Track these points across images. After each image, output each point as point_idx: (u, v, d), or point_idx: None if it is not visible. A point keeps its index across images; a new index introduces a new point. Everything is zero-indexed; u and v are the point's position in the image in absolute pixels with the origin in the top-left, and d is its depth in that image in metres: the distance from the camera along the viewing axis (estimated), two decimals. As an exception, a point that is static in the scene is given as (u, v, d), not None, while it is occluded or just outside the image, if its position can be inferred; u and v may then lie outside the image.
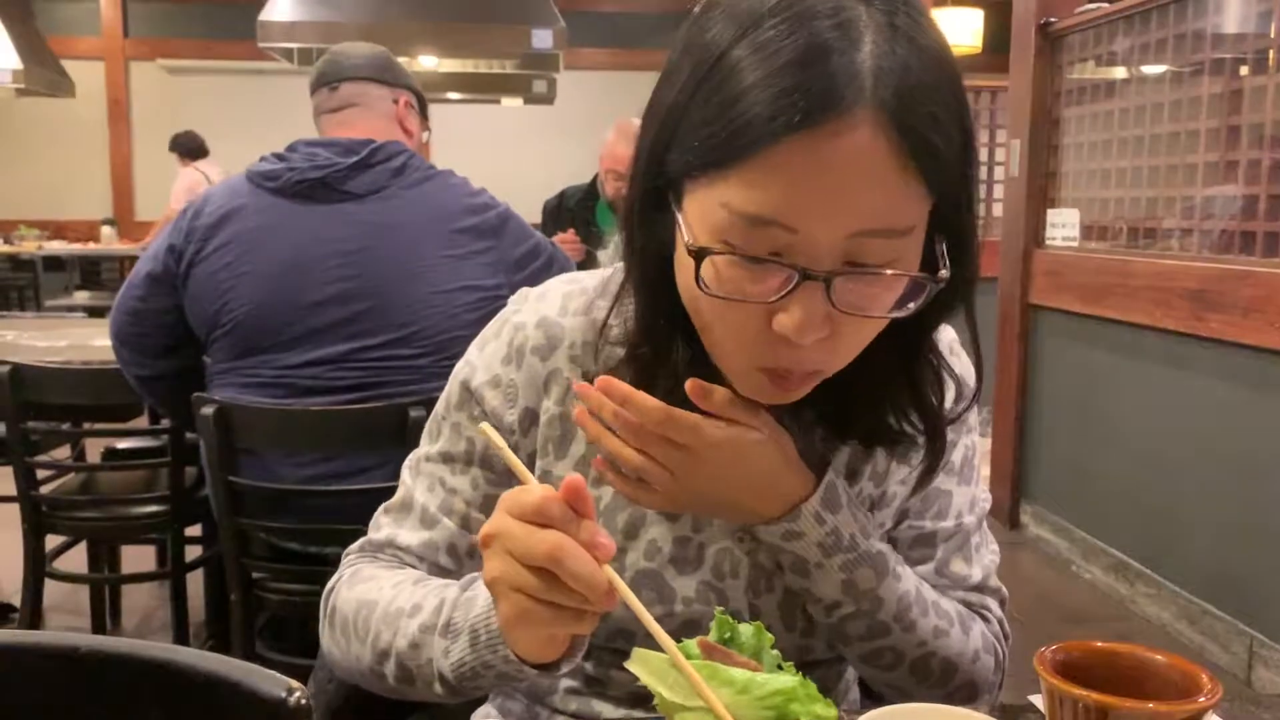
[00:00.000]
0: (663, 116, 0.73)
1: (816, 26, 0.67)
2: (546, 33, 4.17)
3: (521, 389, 0.88)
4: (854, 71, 0.66)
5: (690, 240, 0.71)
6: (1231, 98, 3.08)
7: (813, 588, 0.83)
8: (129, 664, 0.85)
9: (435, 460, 0.92)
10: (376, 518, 0.96)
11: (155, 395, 2.13)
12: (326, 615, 0.93)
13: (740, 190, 0.68)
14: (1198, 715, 0.59)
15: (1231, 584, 3.00)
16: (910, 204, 0.69)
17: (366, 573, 0.91)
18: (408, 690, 0.85)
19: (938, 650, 0.86)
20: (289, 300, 1.88)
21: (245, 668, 0.84)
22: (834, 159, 0.66)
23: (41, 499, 2.42)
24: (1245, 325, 2.87)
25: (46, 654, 0.87)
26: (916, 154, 0.67)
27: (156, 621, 3.05)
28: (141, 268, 1.99)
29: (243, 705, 0.81)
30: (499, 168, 8.14)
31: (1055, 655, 0.65)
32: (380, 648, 0.84)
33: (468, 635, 0.77)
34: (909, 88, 0.67)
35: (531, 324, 0.89)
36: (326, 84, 2.04)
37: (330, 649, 0.92)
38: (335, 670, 0.94)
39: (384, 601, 0.86)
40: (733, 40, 0.69)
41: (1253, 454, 2.89)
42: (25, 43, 6.96)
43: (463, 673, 0.78)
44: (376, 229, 1.89)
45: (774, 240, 0.69)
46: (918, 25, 0.70)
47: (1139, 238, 3.55)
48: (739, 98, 0.67)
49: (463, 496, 0.90)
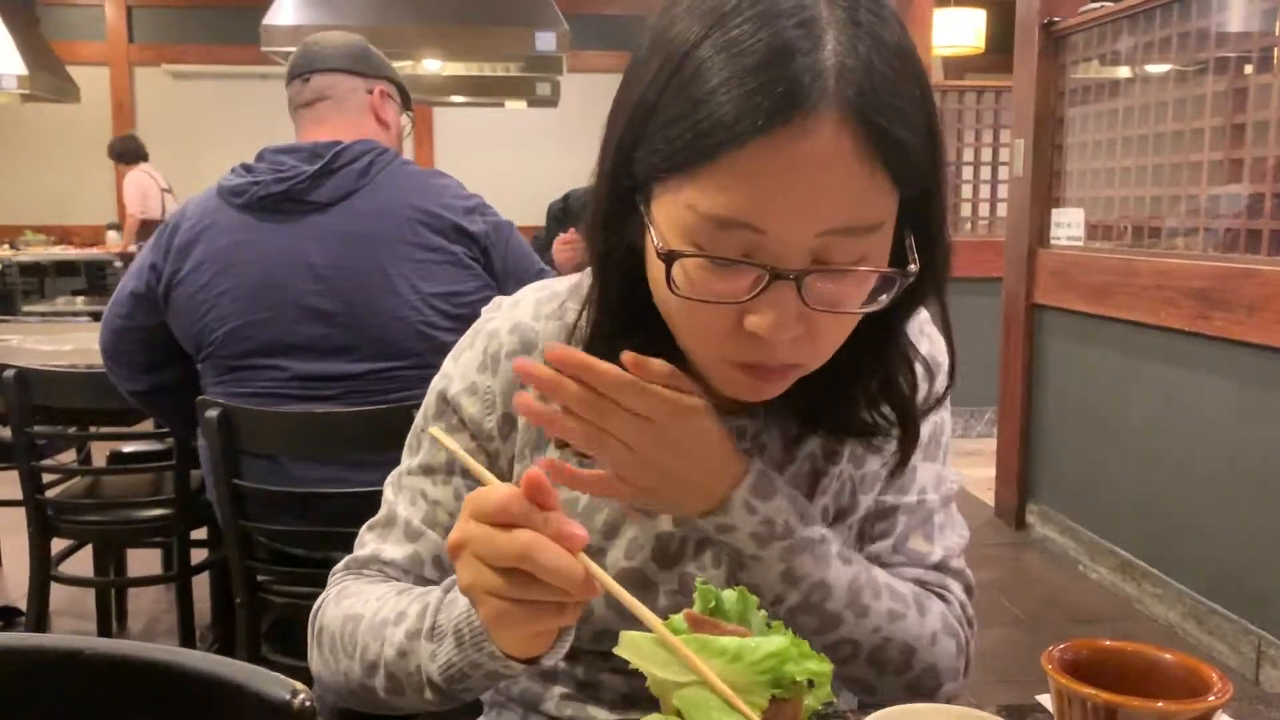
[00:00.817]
0: (629, 114, 0.73)
1: (780, 25, 0.67)
2: (550, 35, 4.17)
3: (499, 395, 0.88)
4: (817, 71, 0.66)
5: (660, 244, 0.71)
6: (1236, 96, 3.08)
7: (754, 580, 0.81)
8: (134, 666, 0.85)
9: (416, 474, 0.92)
10: (361, 535, 0.96)
11: (150, 408, 2.13)
12: (314, 635, 0.92)
13: (707, 193, 0.69)
14: (1207, 714, 0.59)
15: (1239, 583, 2.99)
16: (878, 200, 0.70)
17: (352, 589, 0.91)
18: (398, 701, 0.84)
19: (894, 635, 0.84)
20: (266, 319, 1.88)
21: (250, 670, 0.84)
22: (800, 160, 0.66)
23: (47, 502, 2.42)
24: (1251, 324, 2.87)
25: (52, 657, 0.87)
26: (882, 150, 0.67)
27: (162, 625, 3.06)
28: (126, 285, 1.98)
29: (247, 707, 0.81)
30: (503, 171, 8.15)
31: (1063, 654, 0.65)
32: (369, 660, 0.84)
33: (452, 637, 0.77)
34: (872, 85, 0.67)
35: (505, 330, 0.89)
36: (299, 75, 2.02)
37: (320, 669, 0.91)
38: (326, 692, 0.92)
39: (369, 614, 0.85)
40: (698, 39, 0.69)
41: (1260, 452, 2.88)
42: (30, 48, 6.98)
43: (451, 674, 0.78)
44: (344, 240, 1.87)
45: (742, 241, 0.69)
46: (880, 20, 0.70)
47: (1144, 237, 3.55)
48: (704, 100, 0.67)
49: (445, 508, 0.90)
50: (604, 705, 0.89)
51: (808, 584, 0.81)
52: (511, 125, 8.58)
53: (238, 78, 8.61)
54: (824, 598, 0.81)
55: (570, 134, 8.04)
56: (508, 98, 6.59)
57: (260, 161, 1.93)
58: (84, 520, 2.50)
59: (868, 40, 0.68)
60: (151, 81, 8.80)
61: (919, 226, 0.74)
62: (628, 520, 0.86)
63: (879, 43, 0.68)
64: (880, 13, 0.70)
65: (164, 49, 8.73)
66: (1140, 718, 0.59)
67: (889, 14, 0.71)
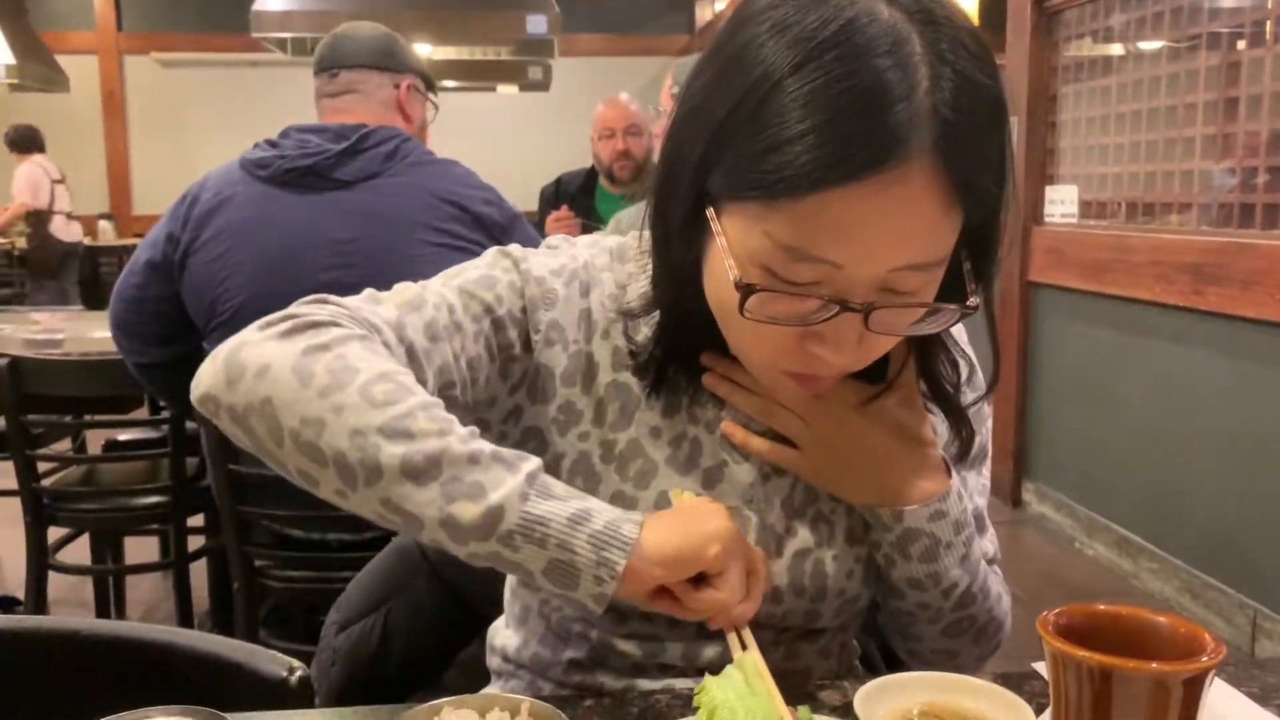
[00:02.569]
0: (707, 135, 0.72)
1: (873, 62, 0.67)
2: (541, 19, 4.15)
3: (561, 304, 0.87)
4: (913, 122, 0.67)
5: (733, 269, 0.73)
6: (1229, 70, 3.07)
7: (939, 570, 0.86)
8: (130, 647, 0.85)
9: (453, 290, 0.84)
10: (377, 296, 0.85)
11: (155, 383, 2.12)
12: (305, 329, 0.76)
13: (787, 225, 0.70)
14: (1201, 675, 0.59)
15: (1234, 557, 3.00)
16: (950, 236, 0.73)
17: (379, 347, 0.76)
18: (387, 474, 0.70)
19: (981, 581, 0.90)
20: (283, 291, 1.85)
21: (247, 649, 0.84)
22: (886, 205, 0.68)
23: (43, 491, 2.42)
24: (1245, 298, 2.87)
25: (49, 638, 0.87)
26: (964, 195, 0.70)
27: (160, 613, 3.06)
28: (140, 255, 1.98)
29: (244, 685, 0.82)
30: (495, 155, 8.11)
31: (1058, 619, 0.65)
32: (405, 427, 0.70)
33: (571, 516, 0.71)
34: (962, 132, 0.68)
35: (582, 260, 0.90)
36: (326, 70, 2.02)
37: (277, 359, 0.73)
38: (238, 376, 0.73)
39: (426, 401, 0.73)
40: (787, 70, 0.68)
41: (1255, 427, 2.89)
42: (19, 38, 6.93)
43: (533, 530, 0.70)
44: (368, 217, 1.88)
45: (815, 271, 0.71)
46: (972, 56, 0.70)
47: (1138, 213, 3.54)
48: (794, 140, 0.67)
49: (463, 338, 0.83)
50: (611, 673, 0.89)
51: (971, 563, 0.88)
52: (503, 110, 8.54)
53: (228, 65, 8.57)
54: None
55: (562, 118, 8.02)
56: (499, 82, 6.58)
57: (285, 138, 1.93)
58: (80, 508, 2.50)
59: (955, 80, 0.68)
60: (141, 70, 8.75)
61: (978, 250, 0.77)
62: (659, 474, 0.86)
63: (972, 85, 0.69)
64: (971, 45, 0.70)
65: (153, 37, 8.68)
66: (1134, 679, 0.59)
67: (980, 45, 0.71)
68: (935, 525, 0.84)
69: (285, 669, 0.82)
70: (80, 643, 0.86)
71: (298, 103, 2.10)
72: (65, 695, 0.83)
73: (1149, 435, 3.39)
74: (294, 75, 8.20)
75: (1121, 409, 3.54)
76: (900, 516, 0.84)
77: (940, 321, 0.77)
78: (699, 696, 0.69)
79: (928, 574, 0.86)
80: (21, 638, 0.87)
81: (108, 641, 0.86)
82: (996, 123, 0.71)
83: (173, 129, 8.61)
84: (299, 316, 0.78)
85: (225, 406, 0.73)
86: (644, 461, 0.86)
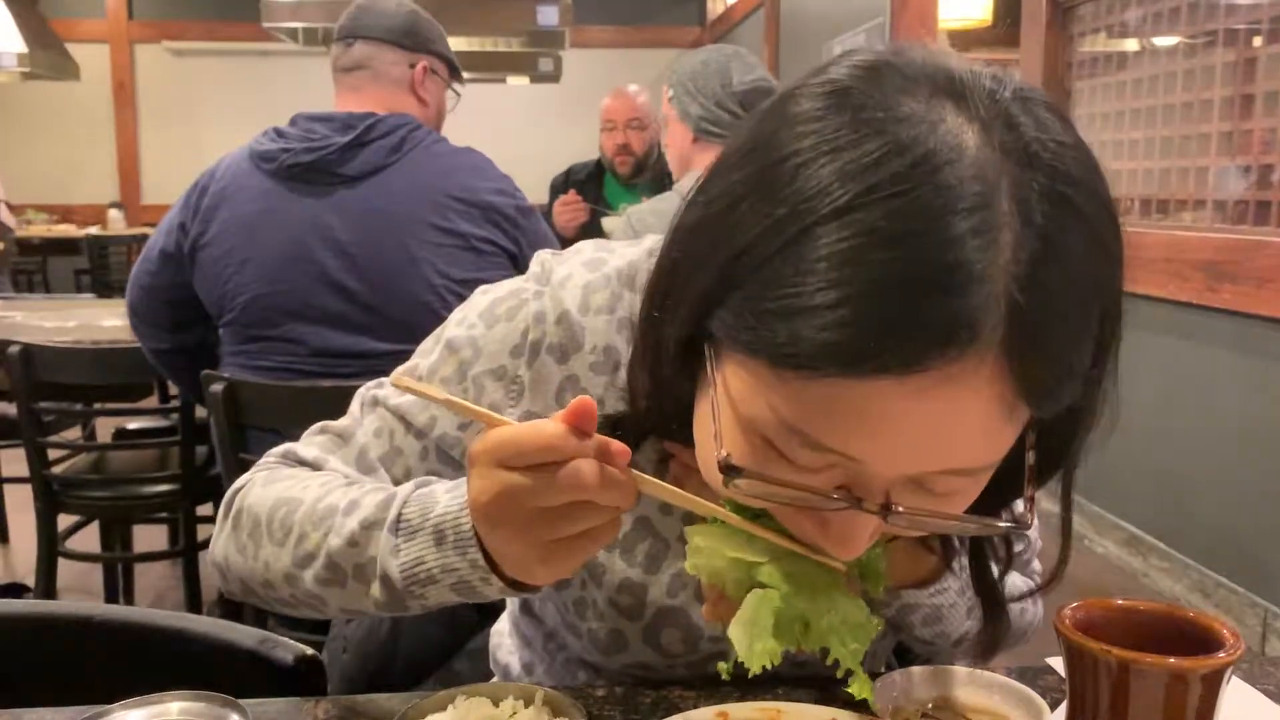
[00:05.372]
0: (719, 263, 0.57)
1: (947, 231, 0.50)
2: (552, 9, 4.14)
3: (529, 389, 0.78)
4: (985, 308, 0.51)
5: (718, 436, 0.59)
6: (1245, 67, 3.05)
7: (946, 630, 0.83)
8: (143, 633, 0.85)
9: (393, 413, 0.82)
10: (311, 432, 0.87)
11: (171, 369, 2.13)
12: (229, 517, 0.82)
13: (801, 406, 0.55)
14: (1220, 670, 0.59)
15: (1245, 556, 2.99)
16: (1010, 438, 0.58)
17: (285, 474, 0.82)
18: (327, 595, 0.74)
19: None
20: (289, 292, 1.87)
21: (259, 635, 0.84)
22: (932, 406, 0.53)
23: (53, 478, 2.42)
24: (1259, 296, 2.85)
25: (63, 624, 0.87)
26: (1035, 394, 0.55)
27: (169, 601, 3.07)
28: (155, 242, 1.98)
29: (257, 671, 0.82)
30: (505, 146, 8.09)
31: (1075, 613, 0.64)
32: (305, 549, 0.74)
33: (430, 535, 0.68)
34: (1042, 324, 0.53)
35: (552, 319, 0.78)
36: (342, 38, 2.01)
37: (229, 554, 0.81)
38: (226, 576, 0.82)
39: (309, 500, 0.76)
40: (826, 213, 0.51)
41: (1268, 425, 2.88)
42: (29, 26, 6.94)
43: (416, 574, 0.69)
44: (370, 216, 1.87)
45: (827, 459, 0.57)
46: (1067, 206, 0.54)
47: (1152, 210, 3.53)
48: (816, 310, 0.51)
49: (407, 461, 0.82)
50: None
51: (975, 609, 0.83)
52: (514, 101, 8.53)
53: (239, 54, 8.57)
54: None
55: (573, 109, 8.01)
56: (510, 73, 6.55)
57: (293, 127, 1.93)
58: (90, 496, 2.50)
59: (1046, 251, 0.52)
60: (152, 59, 8.75)
61: (1051, 443, 0.63)
62: (670, 554, 0.82)
63: (1065, 256, 0.53)
64: (1082, 201, 0.54)
65: (164, 26, 8.68)
66: (1152, 675, 0.59)
67: (1096, 201, 0.55)
68: (936, 599, 0.81)
69: (294, 654, 0.82)
70: (93, 628, 0.86)
71: (309, 92, 2.10)
72: (78, 680, 0.83)
73: (1161, 433, 3.37)
74: (305, 65, 8.23)
75: (1133, 406, 3.48)
76: (897, 595, 0.81)
77: (981, 529, 0.64)
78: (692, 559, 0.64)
79: (934, 635, 0.84)
80: (35, 623, 0.87)
81: (120, 627, 0.86)
82: (1089, 291, 0.55)
83: (183, 118, 8.61)
84: (227, 496, 0.86)
85: (239, 592, 0.83)
86: (653, 542, 0.83)
